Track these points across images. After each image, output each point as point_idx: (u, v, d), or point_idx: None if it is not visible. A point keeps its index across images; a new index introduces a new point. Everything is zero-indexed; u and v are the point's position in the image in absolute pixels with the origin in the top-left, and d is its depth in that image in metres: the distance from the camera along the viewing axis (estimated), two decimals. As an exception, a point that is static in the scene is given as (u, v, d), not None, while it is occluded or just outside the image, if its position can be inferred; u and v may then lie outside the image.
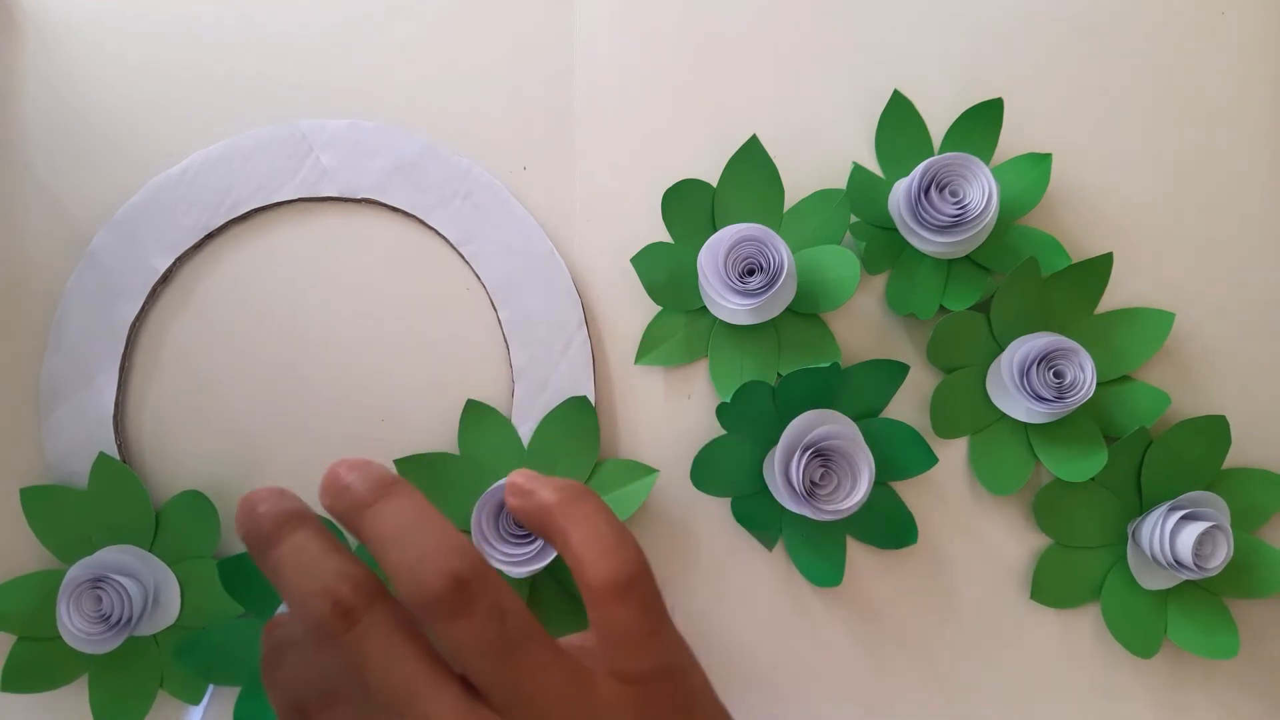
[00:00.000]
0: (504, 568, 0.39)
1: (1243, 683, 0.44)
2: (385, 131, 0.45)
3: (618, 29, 0.47)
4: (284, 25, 0.47)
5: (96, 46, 0.46)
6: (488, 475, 0.43)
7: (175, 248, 0.45)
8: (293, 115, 0.46)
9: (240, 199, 0.45)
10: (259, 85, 0.46)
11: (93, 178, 0.46)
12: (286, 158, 0.45)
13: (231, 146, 0.45)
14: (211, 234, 0.45)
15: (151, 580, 0.42)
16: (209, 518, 0.43)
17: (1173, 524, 0.41)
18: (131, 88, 0.46)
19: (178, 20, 0.47)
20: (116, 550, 0.42)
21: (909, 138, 0.45)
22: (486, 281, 0.45)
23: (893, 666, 0.44)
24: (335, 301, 0.45)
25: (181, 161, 0.45)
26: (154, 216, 0.45)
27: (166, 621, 0.42)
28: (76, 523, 0.43)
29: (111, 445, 0.44)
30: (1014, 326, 0.44)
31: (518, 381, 0.44)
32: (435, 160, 0.45)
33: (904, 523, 0.43)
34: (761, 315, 0.42)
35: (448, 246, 0.45)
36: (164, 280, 0.45)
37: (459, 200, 0.44)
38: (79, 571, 0.41)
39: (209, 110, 0.46)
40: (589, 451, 0.43)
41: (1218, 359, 0.45)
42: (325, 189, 0.45)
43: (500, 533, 0.39)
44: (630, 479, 0.43)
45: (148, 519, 0.43)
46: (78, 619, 0.40)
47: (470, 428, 0.43)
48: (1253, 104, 0.47)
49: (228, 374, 0.45)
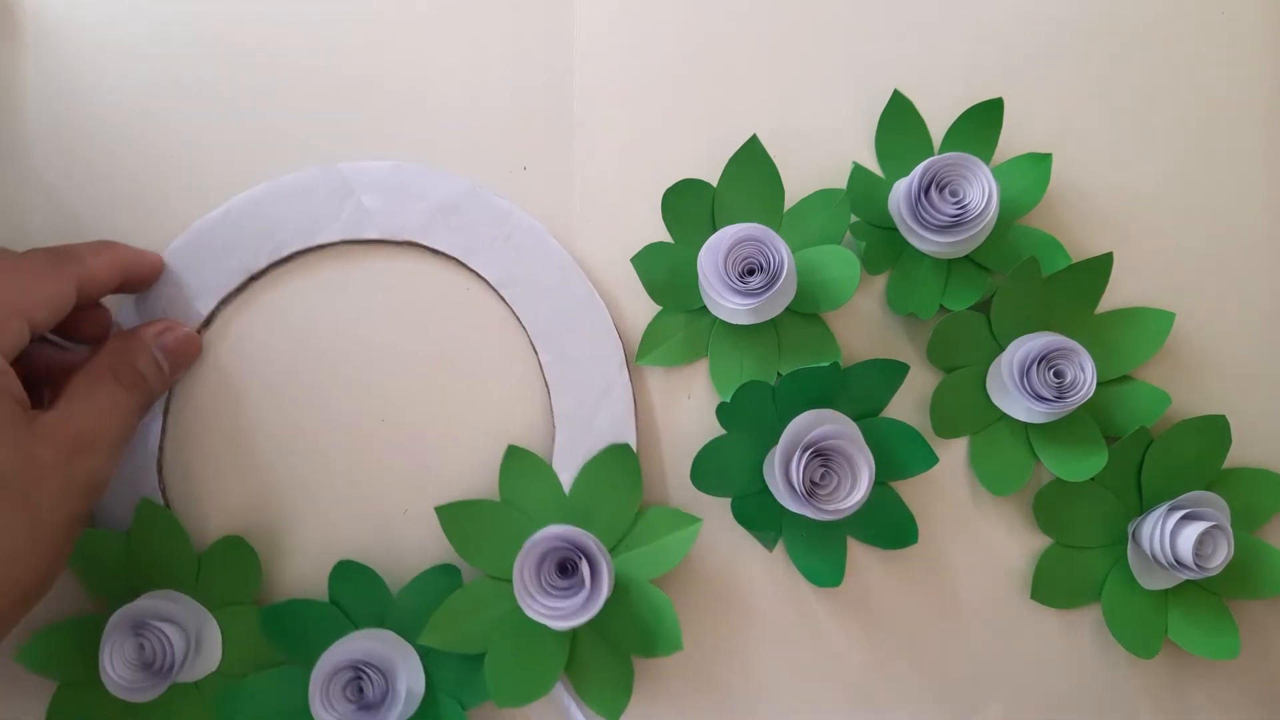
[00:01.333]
0: (545, 620, 0.38)
1: (1244, 684, 0.44)
2: (427, 174, 0.45)
3: (618, 29, 0.47)
4: (278, 24, 0.47)
5: (101, 48, 0.46)
6: (529, 523, 0.42)
7: (219, 290, 0.44)
8: (287, 117, 0.46)
9: (283, 241, 0.44)
10: (259, 91, 0.46)
11: (99, 183, 0.46)
12: (328, 200, 0.45)
13: (272, 188, 0.45)
14: (253, 276, 0.45)
15: (194, 627, 0.41)
16: (250, 563, 0.42)
17: (1173, 524, 0.41)
18: (135, 90, 0.46)
19: (171, 14, 0.47)
20: (158, 596, 0.41)
21: (909, 137, 0.45)
22: (527, 324, 0.44)
23: (893, 667, 0.44)
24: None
25: (223, 205, 0.45)
26: (197, 259, 0.44)
27: (208, 668, 0.42)
28: (119, 567, 0.42)
29: (155, 489, 0.43)
30: (1014, 326, 0.44)
31: (559, 427, 0.44)
32: (477, 202, 0.45)
33: (904, 523, 0.43)
34: (761, 315, 0.42)
35: (489, 289, 0.45)
36: (205, 324, 0.45)
37: (500, 242, 0.44)
38: (121, 618, 0.40)
39: (204, 98, 0.46)
40: (632, 499, 0.42)
41: (1218, 359, 0.45)
42: (368, 231, 0.45)
43: (542, 585, 0.39)
44: (673, 529, 0.42)
45: (190, 564, 0.42)
46: (120, 666, 0.39)
47: (511, 473, 0.42)
48: (1253, 103, 0.47)
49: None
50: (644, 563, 0.42)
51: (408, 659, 0.41)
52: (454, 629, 0.41)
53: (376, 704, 0.39)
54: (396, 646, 0.41)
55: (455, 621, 0.41)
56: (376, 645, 0.41)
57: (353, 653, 0.40)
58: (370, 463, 0.45)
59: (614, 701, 0.41)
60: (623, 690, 0.41)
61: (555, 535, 0.39)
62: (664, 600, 0.41)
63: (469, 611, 0.41)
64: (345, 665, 0.40)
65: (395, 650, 0.41)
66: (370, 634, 0.41)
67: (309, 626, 0.42)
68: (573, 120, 0.46)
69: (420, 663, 0.41)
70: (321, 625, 0.42)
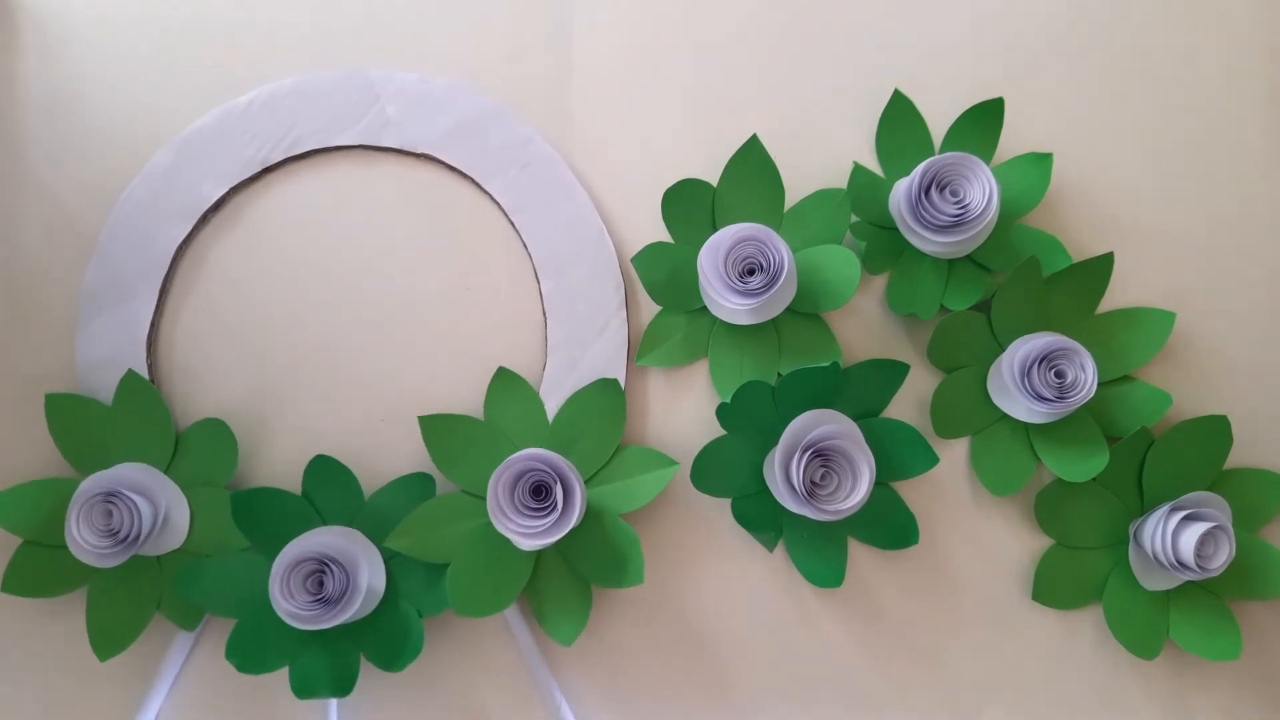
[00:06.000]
0: (514, 537, 0.39)
1: (1245, 685, 0.44)
2: (453, 90, 0.45)
3: (618, 29, 0.47)
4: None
5: (98, 41, 0.47)
6: (509, 444, 0.42)
7: (231, 177, 0.45)
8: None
9: (301, 137, 0.45)
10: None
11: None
12: (353, 103, 0.45)
13: (300, 84, 0.45)
14: (269, 168, 0.45)
15: (164, 502, 0.42)
16: (228, 447, 0.43)
17: (1175, 524, 0.41)
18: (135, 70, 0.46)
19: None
20: (132, 467, 0.42)
21: (909, 137, 0.45)
22: (534, 253, 0.45)
23: (893, 667, 0.44)
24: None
25: (250, 92, 0.45)
26: (216, 143, 0.45)
27: (173, 544, 0.42)
28: (97, 435, 0.42)
29: (142, 364, 0.44)
30: (1015, 326, 0.43)
31: (551, 356, 0.44)
32: (499, 125, 0.45)
33: (905, 523, 0.43)
34: (761, 315, 0.42)
35: (499, 212, 0.45)
36: (215, 207, 0.45)
37: (517, 169, 0.45)
38: (93, 484, 0.40)
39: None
40: (613, 434, 0.43)
41: (1219, 359, 0.45)
42: (386, 139, 0.45)
43: (515, 503, 0.39)
44: (648, 468, 0.43)
45: (168, 441, 0.43)
46: (86, 531, 0.40)
47: (497, 395, 0.43)
48: (1253, 103, 0.47)
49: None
50: (617, 497, 0.42)
51: (372, 559, 0.41)
52: (422, 536, 0.41)
53: (335, 599, 0.39)
54: (362, 546, 0.42)
55: (424, 529, 0.41)
56: (343, 542, 0.41)
57: (318, 546, 0.40)
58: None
59: (569, 628, 0.42)
60: (578, 618, 0.42)
61: (533, 456, 0.39)
62: (631, 535, 0.42)
63: (439, 521, 0.42)
64: (309, 557, 0.40)
65: (360, 549, 0.41)
66: (338, 530, 0.42)
67: (278, 516, 0.42)
68: (573, 120, 0.46)
69: (384, 565, 0.42)
70: (291, 516, 0.42)
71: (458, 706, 0.43)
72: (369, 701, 0.43)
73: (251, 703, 0.43)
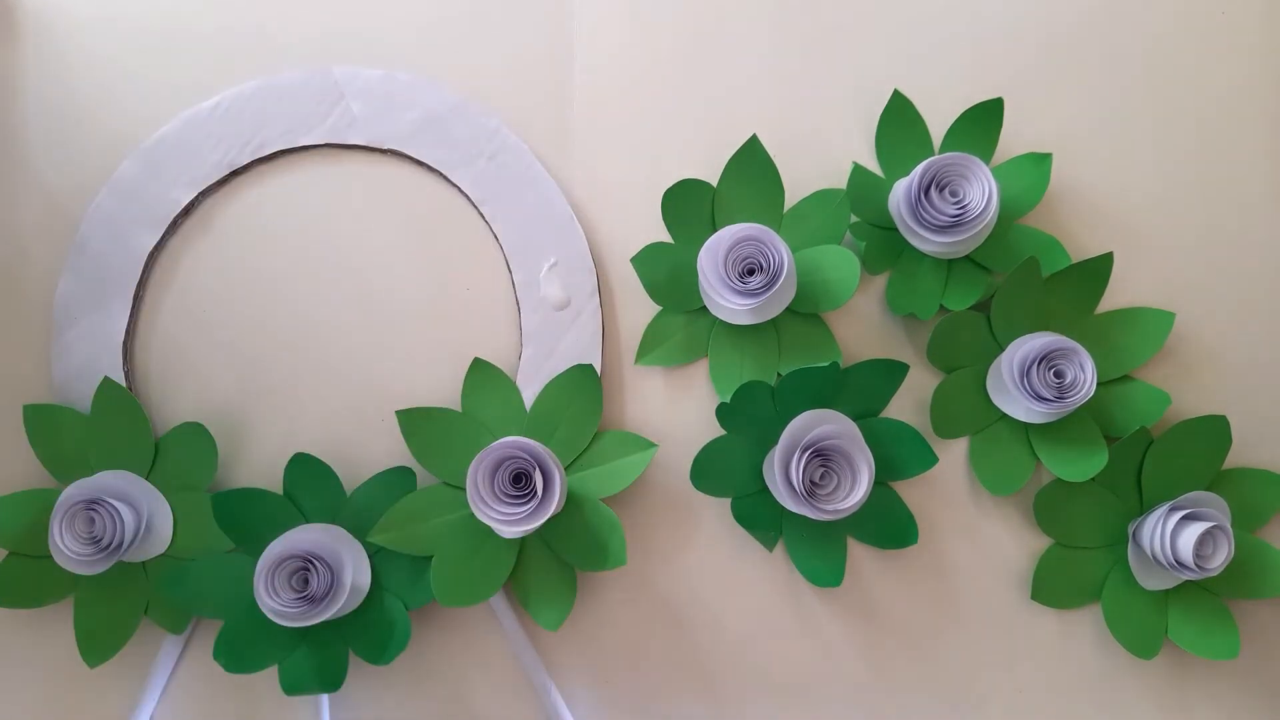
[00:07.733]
0: (495, 525, 0.39)
1: (1244, 684, 0.44)
2: (417, 84, 0.45)
3: (618, 29, 0.47)
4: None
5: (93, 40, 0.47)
6: (487, 434, 0.43)
7: (199, 182, 0.45)
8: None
9: (268, 139, 0.45)
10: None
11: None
12: (317, 102, 0.45)
13: (264, 86, 0.45)
14: (236, 171, 0.45)
15: (146, 508, 0.42)
16: (207, 450, 0.43)
17: (1173, 524, 0.41)
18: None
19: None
20: (114, 475, 0.42)
21: (909, 137, 0.45)
22: (504, 243, 0.45)
23: (893, 667, 0.44)
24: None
25: (214, 97, 0.45)
26: (182, 148, 0.45)
27: (157, 550, 0.42)
28: (76, 444, 0.43)
29: (119, 371, 0.44)
30: (1014, 326, 0.44)
31: (526, 345, 0.44)
32: (464, 118, 0.45)
33: (904, 523, 0.43)
34: (761, 315, 0.42)
35: (469, 204, 0.45)
36: (185, 213, 0.45)
37: (484, 160, 0.45)
38: (74, 492, 0.40)
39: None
40: (591, 419, 0.43)
41: (1218, 359, 0.45)
42: (353, 137, 0.45)
43: (495, 491, 0.39)
44: (629, 451, 0.43)
45: (147, 447, 0.43)
46: (69, 539, 0.40)
47: (474, 386, 0.43)
48: (1253, 104, 0.47)
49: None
50: (597, 481, 0.43)
51: (356, 555, 0.42)
52: (404, 529, 0.42)
53: (320, 596, 0.39)
54: (346, 542, 0.42)
55: (406, 522, 0.42)
56: (326, 539, 0.41)
57: (301, 544, 0.40)
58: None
59: (554, 614, 0.42)
60: (564, 603, 0.42)
61: (512, 444, 0.39)
62: (613, 518, 0.42)
63: (421, 514, 0.42)
64: (293, 555, 0.40)
65: (344, 545, 0.41)
66: (321, 528, 0.42)
67: (260, 516, 0.42)
68: (573, 120, 0.47)
69: (368, 560, 0.42)
70: (273, 515, 0.42)
71: (448, 695, 0.44)
72: (360, 695, 0.43)
73: (244, 703, 0.43)
